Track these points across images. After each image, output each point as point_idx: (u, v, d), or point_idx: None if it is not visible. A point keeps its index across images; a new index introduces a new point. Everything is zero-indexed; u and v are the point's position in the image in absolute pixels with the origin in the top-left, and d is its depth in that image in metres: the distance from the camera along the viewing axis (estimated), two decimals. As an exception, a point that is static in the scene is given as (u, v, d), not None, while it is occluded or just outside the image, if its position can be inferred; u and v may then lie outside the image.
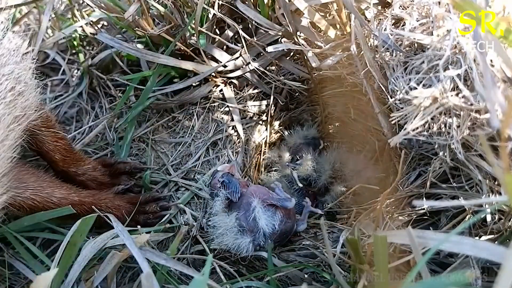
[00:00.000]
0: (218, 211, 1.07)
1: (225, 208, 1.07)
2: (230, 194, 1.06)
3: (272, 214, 1.03)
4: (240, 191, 1.07)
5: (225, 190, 1.07)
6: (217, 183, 1.10)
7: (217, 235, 1.05)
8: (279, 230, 1.03)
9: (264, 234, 1.02)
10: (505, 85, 0.85)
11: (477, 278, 0.78)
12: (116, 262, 0.92)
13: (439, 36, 0.93)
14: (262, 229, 1.02)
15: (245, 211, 1.03)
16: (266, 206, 1.03)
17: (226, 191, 1.07)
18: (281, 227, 1.03)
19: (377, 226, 0.91)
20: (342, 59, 1.17)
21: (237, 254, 1.04)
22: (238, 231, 1.03)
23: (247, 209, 1.03)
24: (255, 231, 1.02)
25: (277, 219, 1.03)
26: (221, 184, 1.09)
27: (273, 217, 1.03)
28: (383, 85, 1.03)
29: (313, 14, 1.17)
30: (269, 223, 1.02)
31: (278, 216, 1.03)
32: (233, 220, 1.04)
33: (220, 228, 1.05)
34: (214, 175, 1.15)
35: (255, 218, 1.02)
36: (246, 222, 1.02)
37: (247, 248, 1.02)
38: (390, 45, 0.98)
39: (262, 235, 1.02)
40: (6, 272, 1.01)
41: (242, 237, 1.02)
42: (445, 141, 0.89)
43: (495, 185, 0.89)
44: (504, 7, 0.88)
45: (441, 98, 0.87)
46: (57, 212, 1.00)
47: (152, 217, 1.17)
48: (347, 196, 1.22)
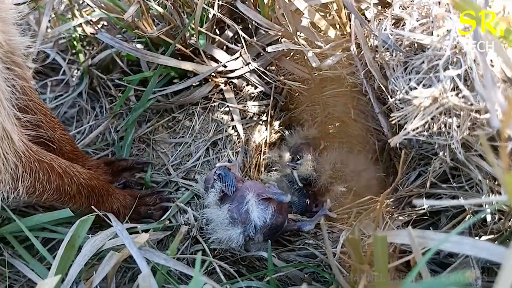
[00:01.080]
0: (211, 203, 1.07)
1: (218, 201, 1.07)
2: (225, 187, 1.06)
3: (265, 207, 1.04)
4: (235, 186, 1.07)
5: (220, 183, 1.07)
6: (213, 177, 1.10)
7: (210, 230, 1.05)
8: (269, 224, 1.03)
9: (255, 226, 1.02)
10: (505, 85, 0.85)
11: (477, 278, 0.78)
12: (116, 262, 0.92)
13: (439, 36, 0.93)
14: (254, 221, 1.02)
15: (238, 203, 1.04)
16: (260, 200, 1.04)
17: (222, 184, 1.07)
18: (272, 221, 1.03)
19: (377, 226, 0.91)
20: (342, 59, 1.17)
21: (239, 254, 1.04)
22: (229, 223, 1.03)
23: (241, 201, 1.03)
24: (247, 223, 1.02)
25: (269, 212, 1.03)
26: (217, 176, 1.09)
27: (265, 211, 1.03)
28: (383, 85, 1.03)
29: (313, 14, 1.17)
30: (261, 215, 1.02)
31: (270, 210, 1.03)
32: (225, 212, 1.04)
33: (212, 222, 1.05)
34: (211, 171, 1.14)
35: (248, 210, 1.02)
36: (238, 213, 1.03)
37: (238, 239, 1.02)
38: (390, 45, 0.98)
39: (253, 227, 1.02)
40: (6, 271, 1.01)
41: (233, 228, 1.02)
42: (445, 141, 0.88)
43: (495, 185, 0.89)
44: (504, 7, 0.88)
45: (441, 98, 0.87)
46: (56, 215, 1.00)
47: (153, 208, 1.18)
48: (347, 197, 1.22)
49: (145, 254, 0.94)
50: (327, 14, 1.23)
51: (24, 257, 1.02)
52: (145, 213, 1.17)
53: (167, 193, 1.23)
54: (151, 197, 1.20)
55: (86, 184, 1.05)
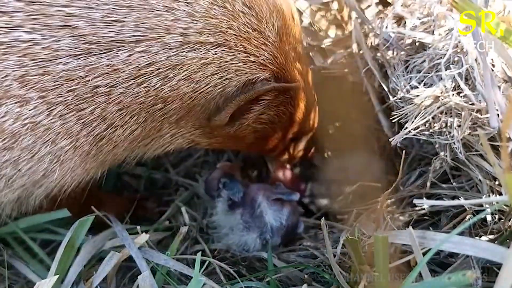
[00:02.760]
0: (220, 212, 1.06)
1: (228, 208, 1.06)
2: (232, 195, 1.05)
3: (278, 208, 1.03)
4: (241, 190, 1.06)
5: (226, 191, 1.06)
6: (214, 181, 1.09)
7: (222, 235, 1.05)
8: (286, 225, 1.02)
9: (272, 228, 1.01)
10: (506, 84, 0.84)
11: (477, 278, 0.77)
12: (116, 262, 0.92)
13: (441, 35, 0.93)
14: (269, 223, 1.01)
15: (250, 208, 1.03)
16: (271, 201, 1.03)
17: (228, 192, 1.06)
18: (288, 222, 1.03)
19: (377, 226, 0.91)
20: (343, 57, 1.17)
21: (240, 254, 1.03)
22: (244, 228, 1.02)
23: (252, 205, 1.03)
24: (262, 226, 1.02)
25: (285, 213, 1.03)
26: (222, 185, 1.08)
27: (280, 212, 1.03)
28: (384, 84, 1.03)
29: (314, 14, 1.17)
30: (277, 217, 1.02)
31: (286, 211, 1.03)
32: (238, 217, 1.03)
33: (224, 228, 1.04)
34: (213, 173, 1.14)
35: (262, 213, 1.01)
36: (251, 218, 1.02)
37: (255, 244, 1.01)
38: (392, 43, 0.98)
39: (269, 230, 1.01)
40: (6, 272, 1.01)
41: (249, 233, 1.02)
42: (446, 140, 0.88)
43: (495, 185, 0.89)
44: (504, 7, 0.88)
45: (442, 97, 0.87)
46: (54, 215, 0.99)
47: (151, 212, 1.17)
48: (347, 197, 1.22)
49: (145, 254, 0.94)
50: (327, 13, 1.23)
51: (24, 258, 1.02)
52: (143, 217, 1.16)
53: (166, 194, 1.23)
54: (149, 199, 1.19)
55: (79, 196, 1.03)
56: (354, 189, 1.16)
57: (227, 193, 1.06)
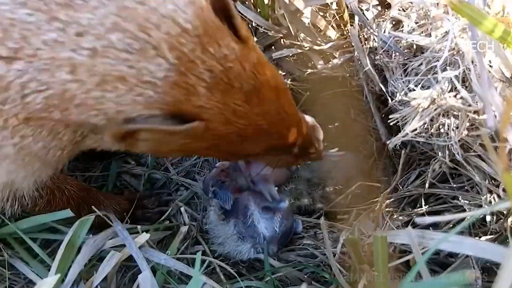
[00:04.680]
0: (214, 221, 1.06)
1: (221, 216, 1.06)
2: (222, 203, 1.04)
3: (271, 216, 1.03)
4: (231, 199, 1.04)
5: (216, 200, 1.06)
6: (211, 180, 1.09)
7: (217, 245, 1.05)
8: (279, 233, 1.02)
9: (265, 238, 1.01)
10: (503, 85, 0.85)
11: (477, 278, 0.78)
12: (116, 262, 0.92)
13: (437, 38, 0.94)
14: (262, 234, 1.01)
15: (243, 217, 1.03)
16: (262, 209, 1.03)
17: (218, 200, 1.05)
18: (282, 229, 1.03)
19: (377, 226, 0.91)
20: (342, 60, 1.17)
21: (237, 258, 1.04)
22: (238, 238, 1.02)
23: (245, 214, 1.03)
24: (255, 236, 1.02)
25: (277, 221, 1.02)
26: (212, 193, 1.07)
27: (272, 219, 1.02)
28: (382, 87, 1.03)
29: (314, 14, 1.17)
30: (269, 226, 1.01)
31: (277, 218, 1.03)
32: (232, 227, 1.03)
33: (220, 238, 1.05)
34: (210, 172, 1.14)
35: (253, 223, 1.01)
36: (244, 228, 1.02)
37: (248, 253, 1.02)
38: (391, 46, 0.98)
39: (262, 239, 1.01)
40: (6, 272, 1.01)
41: (243, 243, 1.02)
42: (444, 142, 0.89)
43: (494, 186, 0.89)
44: (503, 7, 0.89)
45: (439, 99, 0.87)
46: (55, 215, 0.99)
47: (151, 211, 1.17)
48: (347, 197, 1.22)
49: (146, 253, 0.94)
50: (327, 14, 1.23)
51: (24, 258, 1.02)
52: (142, 217, 1.15)
53: (166, 194, 1.23)
54: (149, 199, 1.19)
55: (76, 196, 1.02)
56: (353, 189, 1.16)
57: (217, 202, 1.05)
